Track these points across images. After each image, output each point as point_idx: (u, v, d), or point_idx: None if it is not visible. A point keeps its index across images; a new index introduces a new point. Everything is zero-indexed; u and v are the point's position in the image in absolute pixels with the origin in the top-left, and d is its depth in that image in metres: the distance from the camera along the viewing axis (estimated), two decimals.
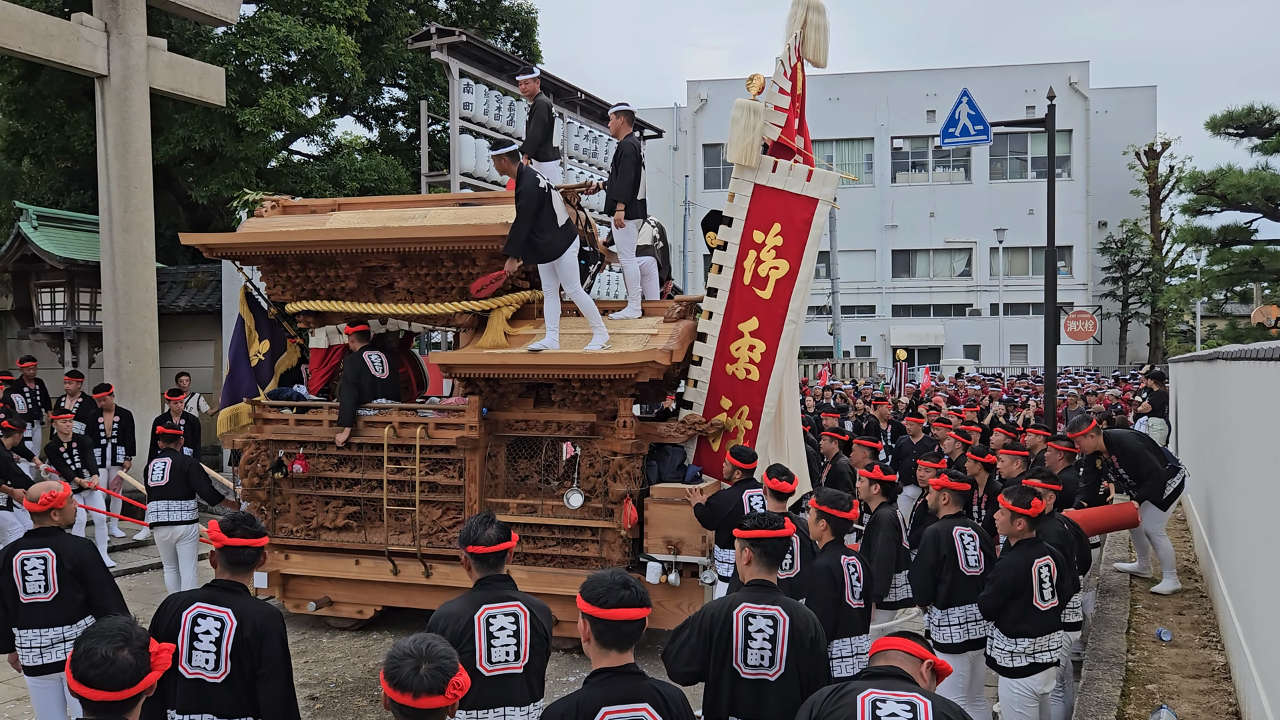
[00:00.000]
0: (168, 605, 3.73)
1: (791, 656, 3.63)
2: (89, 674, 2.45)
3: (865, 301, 45.52)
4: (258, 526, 3.83)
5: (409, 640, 2.50)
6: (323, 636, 8.22)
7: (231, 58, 16.69)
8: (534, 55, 22.63)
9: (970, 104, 12.94)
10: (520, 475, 7.99)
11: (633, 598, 2.94)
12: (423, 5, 21.19)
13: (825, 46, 7.90)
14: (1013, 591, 5.01)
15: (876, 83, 44.94)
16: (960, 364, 36.65)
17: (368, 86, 20.48)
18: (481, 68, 14.80)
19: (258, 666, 3.64)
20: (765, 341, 7.46)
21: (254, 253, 8.61)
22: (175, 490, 8.33)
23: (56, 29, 12.19)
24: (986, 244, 42.97)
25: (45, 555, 4.89)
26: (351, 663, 7.62)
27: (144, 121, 12.97)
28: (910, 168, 45.99)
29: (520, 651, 3.59)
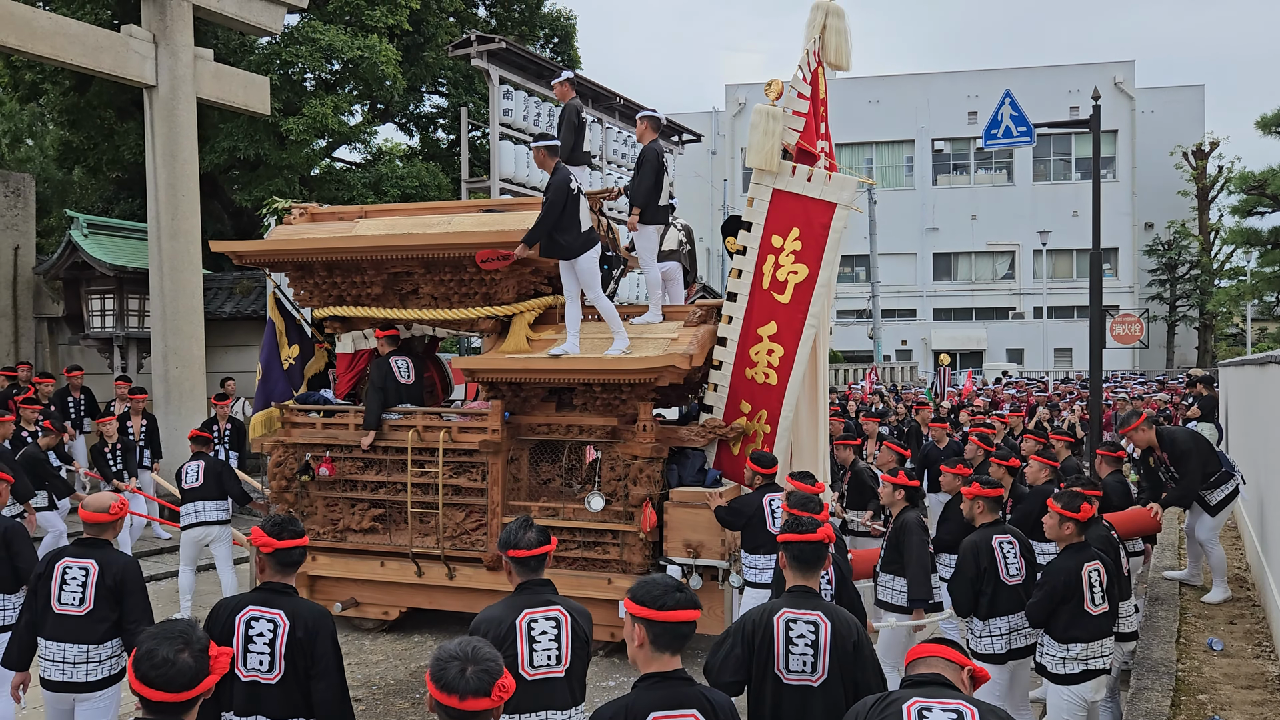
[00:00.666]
0: (220, 609, 3.78)
1: (834, 662, 3.57)
2: (150, 675, 2.48)
3: (906, 305, 45.13)
4: (299, 526, 3.89)
5: (454, 643, 2.51)
6: (365, 639, 8.30)
7: (276, 67, 16.95)
8: (573, 61, 22.74)
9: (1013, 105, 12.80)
10: (543, 479, 8.04)
11: (686, 600, 2.96)
12: (463, 13, 21.37)
13: (846, 50, 7.91)
14: (1063, 597, 4.95)
15: (917, 84, 44.58)
16: (1003, 368, 36.22)
17: (409, 94, 20.71)
18: (521, 74, 14.89)
19: (311, 666, 3.68)
20: (784, 346, 7.45)
21: (282, 259, 8.74)
22: (209, 491, 8.51)
23: (106, 41, 12.45)
24: (1029, 246, 42.38)
25: (88, 566, 4.69)
26: (394, 665, 7.68)
27: (191, 131, 13.20)
28: (951, 170, 45.54)
29: (562, 655, 3.59)
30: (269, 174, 17.85)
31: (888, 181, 44.34)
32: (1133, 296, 42.74)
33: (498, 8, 22.38)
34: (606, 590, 7.49)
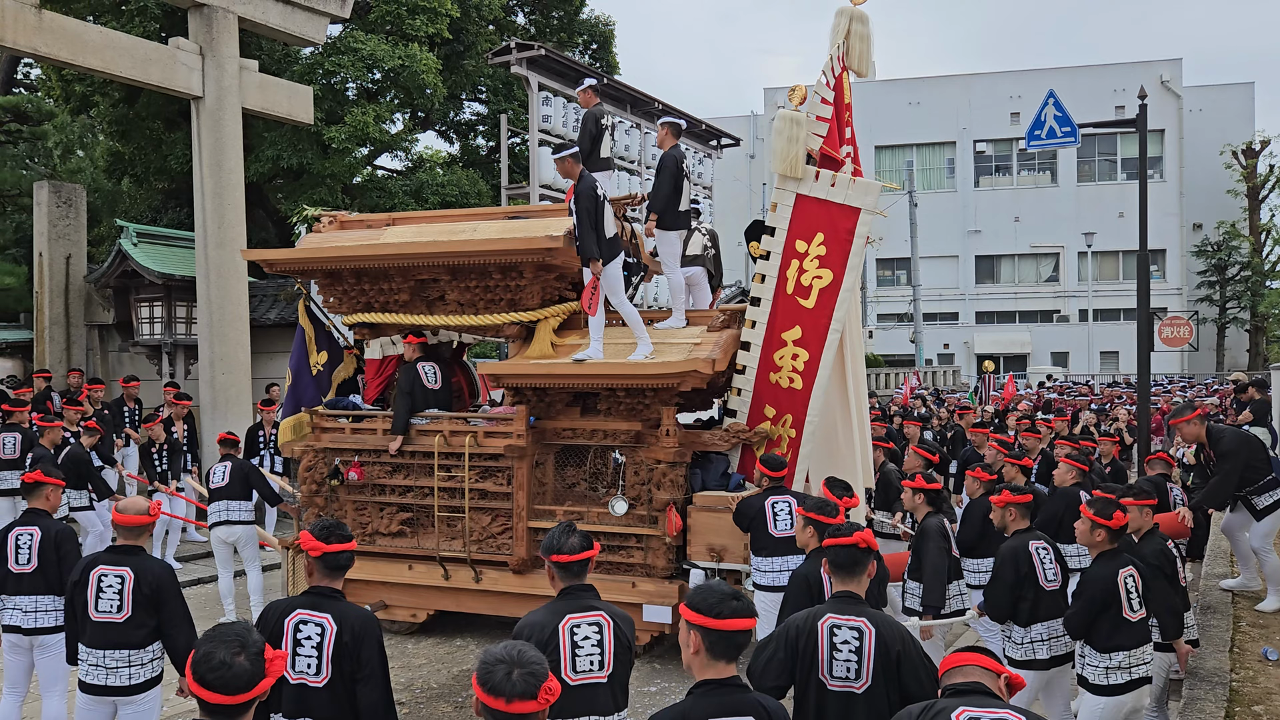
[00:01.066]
0: (269, 612, 3.83)
1: (878, 669, 3.57)
2: (207, 677, 2.52)
3: (948, 308, 44.68)
4: (347, 531, 3.93)
5: (500, 646, 2.53)
6: (408, 643, 8.36)
7: (318, 77, 17.17)
8: (611, 67, 22.80)
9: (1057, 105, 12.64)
10: (568, 483, 8.14)
11: (743, 608, 2.95)
12: (502, 21, 21.51)
13: (869, 56, 7.92)
14: (1102, 605, 4.88)
15: (958, 86, 44.16)
16: (1048, 371, 35.73)
17: (449, 102, 20.87)
18: (560, 80, 14.96)
19: (357, 670, 3.72)
20: (809, 350, 7.46)
21: (311, 267, 8.88)
22: (235, 491, 8.71)
23: (155, 53, 12.69)
24: (1074, 248, 41.81)
25: (123, 574, 4.72)
26: (436, 669, 7.73)
27: (236, 141, 13.41)
28: (994, 171, 45.04)
29: (604, 661, 3.60)
30: (312, 183, 18.07)
31: (929, 184, 43.93)
32: (1181, 298, 41.98)
33: (537, 15, 22.50)
34: (631, 594, 7.56)
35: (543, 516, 7.98)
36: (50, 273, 14.93)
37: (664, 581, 7.61)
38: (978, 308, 44.84)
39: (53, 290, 14.91)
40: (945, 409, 17.68)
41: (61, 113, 19.63)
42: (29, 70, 23.94)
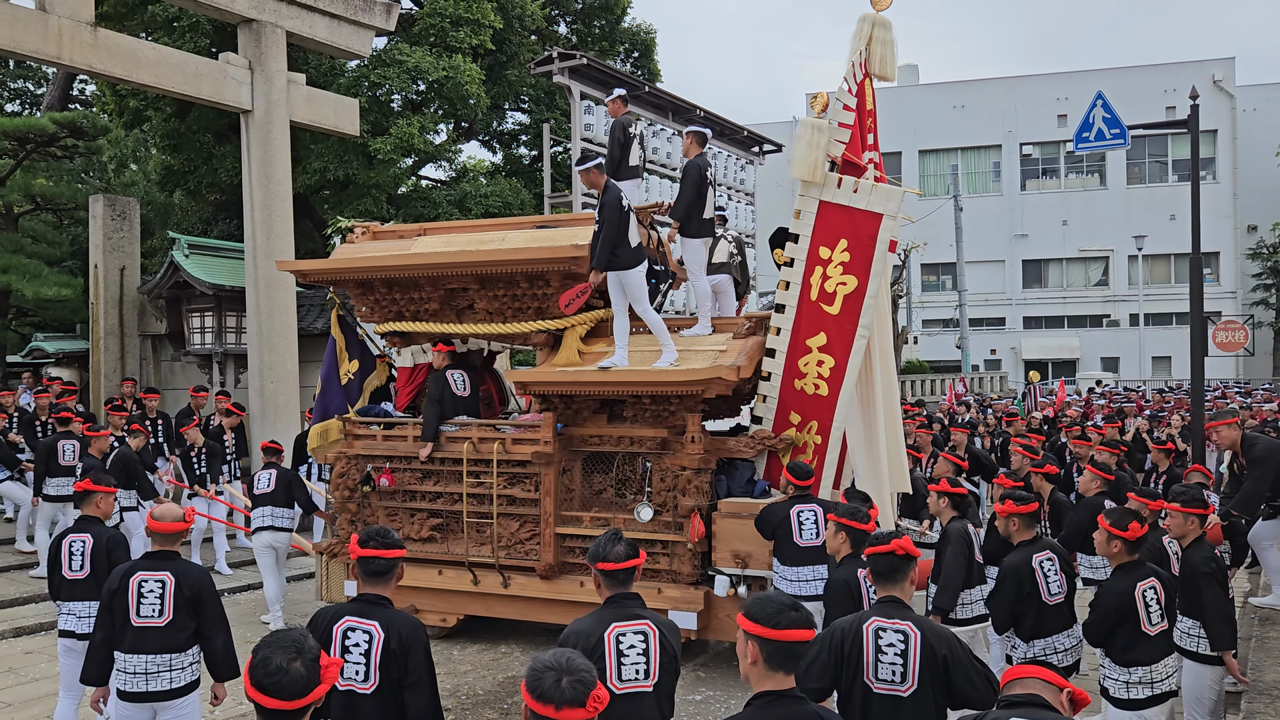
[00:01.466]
0: (319, 618, 3.85)
1: (924, 672, 3.59)
2: (264, 682, 2.55)
3: (994, 313, 44.13)
4: (393, 538, 3.92)
5: (549, 654, 2.53)
6: (454, 649, 8.41)
7: (364, 89, 17.40)
8: (653, 75, 22.86)
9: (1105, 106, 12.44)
10: (595, 489, 8.15)
11: (802, 619, 2.90)
12: (544, 31, 21.66)
13: (892, 61, 7.89)
14: (1118, 619, 4.82)
15: (1004, 88, 43.66)
16: (1098, 377, 35.13)
17: (492, 112, 21.05)
18: (602, 89, 15.03)
19: (405, 677, 3.73)
20: (834, 357, 7.45)
21: (343, 277, 9.05)
22: (279, 498, 8.87)
23: (205, 68, 12.95)
24: (1124, 252, 41.11)
25: (164, 579, 4.76)
26: (482, 675, 7.77)
27: (284, 153, 13.63)
28: (1041, 174, 44.45)
29: (650, 670, 3.58)
30: (358, 193, 18.31)
31: (974, 188, 43.45)
32: (1235, 302, 41.10)
33: (578, 24, 22.63)
34: (656, 600, 7.52)
35: (569, 523, 8.04)
36: (105, 284, 15.26)
37: (689, 588, 7.62)
38: (1025, 313, 44.24)
39: (107, 301, 15.24)
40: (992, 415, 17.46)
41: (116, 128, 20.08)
42: (84, 86, 24.53)
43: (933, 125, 43.28)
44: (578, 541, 7.98)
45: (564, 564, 8.11)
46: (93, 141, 17.70)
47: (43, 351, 17.67)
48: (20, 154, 16.80)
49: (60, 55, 11.30)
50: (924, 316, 42.64)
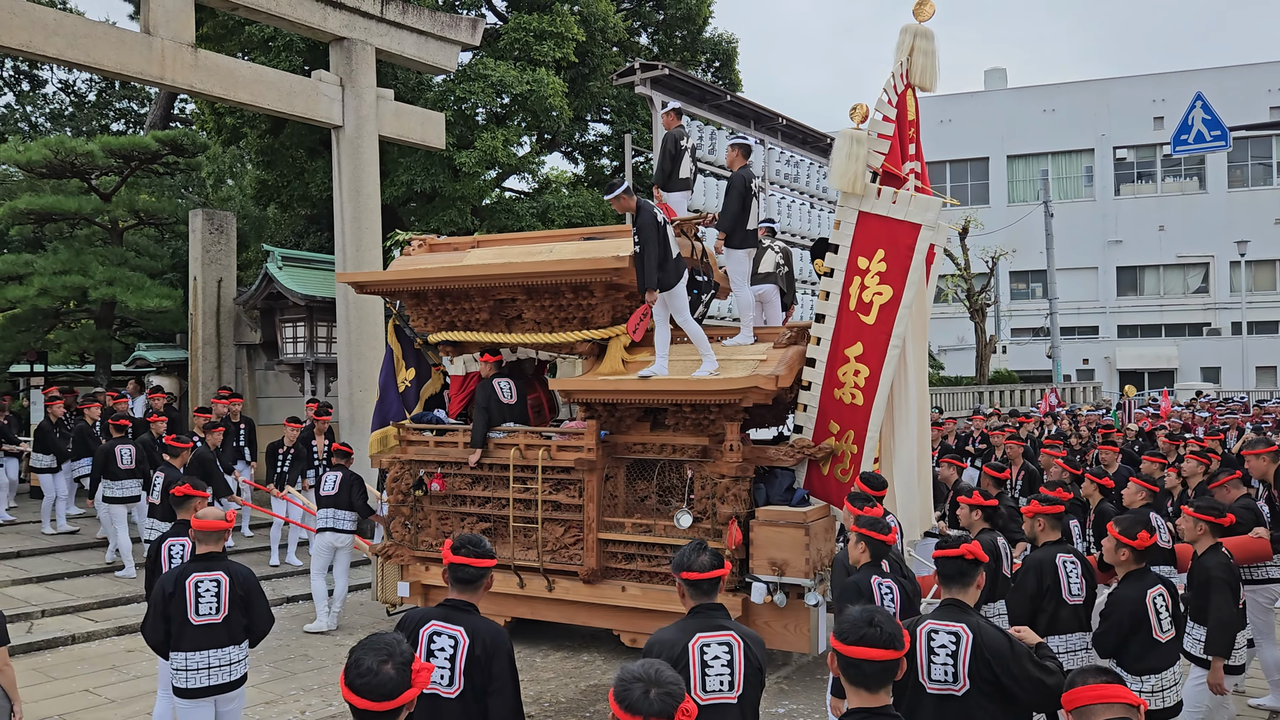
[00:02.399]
0: (406, 621, 3.91)
1: (975, 673, 3.67)
2: (356, 683, 2.62)
3: (1087, 322, 42.85)
4: (484, 547, 3.94)
5: (636, 665, 2.53)
6: (536, 656, 8.48)
7: (450, 103, 17.73)
8: (734, 84, 22.82)
9: (1205, 108, 12.01)
10: (639, 495, 8.28)
11: (876, 636, 2.84)
12: (626, 42, 21.79)
13: (934, 72, 7.95)
14: (1130, 627, 4.84)
15: (1096, 91, 42.44)
16: (1198, 387, 33.82)
17: (574, 123, 21.25)
18: (683, 99, 15.02)
19: (489, 683, 3.76)
20: (869, 366, 7.51)
21: (398, 289, 9.34)
22: (342, 500, 9.30)
23: (299, 86, 13.34)
24: (1226, 257, 39.60)
25: (219, 578, 5.12)
26: (564, 683, 7.80)
27: (373, 167, 13.95)
28: (1135, 179, 43.07)
29: (734, 681, 3.55)
30: (443, 205, 18.64)
31: (1065, 193, 42.30)
32: None
33: (660, 35, 22.72)
34: None
35: (611, 528, 8.20)
36: (203, 295, 15.80)
37: (728, 594, 7.62)
38: (1119, 321, 42.87)
39: (205, 312, 15.77)
40: (1085, 427, 16.93)
41: (214, 144, 20.81)
42: (184, 106, 25.50)
43: (1021, 129, 42.30)
44: (619, 547, 8.19)
45: (606, 569, 8.27)
46: (192, 158, 18.35)
47: (145, 360, 18.36)
48: (125, 171, 17.51)
49: (163, 76, 11.76)
50: (1013, 325, 41.62)
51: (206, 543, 5.22)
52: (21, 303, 15.65)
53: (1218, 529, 5.56)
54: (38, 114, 31.87)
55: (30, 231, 20.18)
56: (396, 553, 9.15)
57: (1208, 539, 5.52)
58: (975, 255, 28.68)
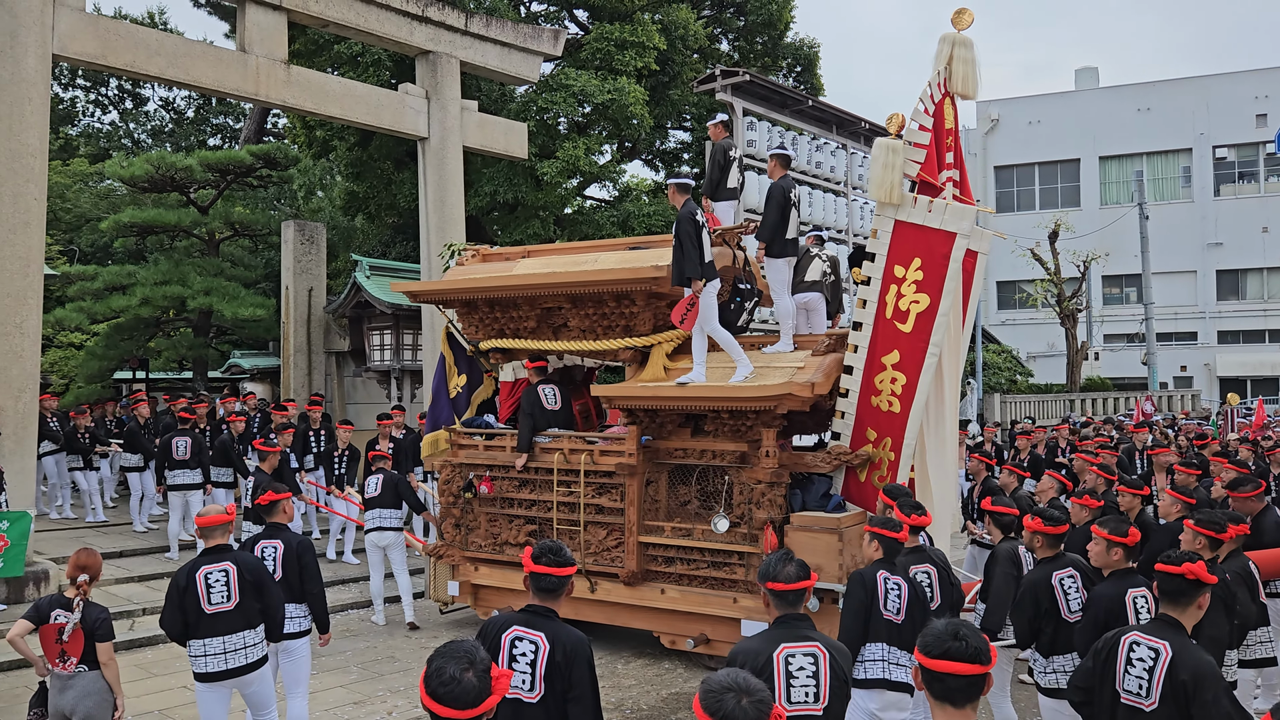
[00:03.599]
0: (489, 627, 3.95)
1: (1167, 693, 3.74)
2: (439, 691, 2.62)
3: (1185, 328, 41.32)
4: (564, 555, 3.96)
5: (722, 674, 2.50)
6: (618, 664, 8.49)
7: (532, 113, 17.94)
8: (816, 89, 22.63)
9: None
10: (681, 500, 8.40)
11: (961, 650, 2.75)
12: (707, 49, 21.78)
13: (973, 80, 7.97)
14: (1106, 624, 4.75)
15: (1194, 88, 40.95)
16: None
17: (655, 131, 21.30)
18: (764, 105, 14.97)
19: (569, 689, 3.77)
20: (906, 374, 7.53)
21: (450, 298, 9.66)
22: (386, 500, 9.68)
23: (386, 99, 13.65)
24: None
25: (227, 568, 5.41)
26: (645, 690, 7.80)
27: (458, 178, 14.20)
28: (1237, 179, 41.41)
29: (820, 693, 3.50)
30: (526, 215, 18.86)
31: (1161, 194, 40.89)
32: None
33: (741, 41, 22.65)
34: (732, 609, 7.93)
35: (651, 531, 8.36)
36: (295, 304, 16.26)
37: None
38: (1220, 326, 41.24)
39: (296, 320, 16.23)
40: (1183, 436, 16.32)
41: (305, 157, 21.41)
42: (277, 120, 26.30)
43: (1115, 130, 41.03)
44: (659, 550, 8.35)
45: (646, 571, 8.40)
46: (284, 171, 18.92)
47: (239, 368, 18.98)
48: (221, 184, 18.13)
49: (257, 92, 12.15)
50: (1106, 331, 40.38)
51: (212, 537, 5.50)
52: (125, 312, 16.31)
53: (1216, 543, 5.49)
54: (140, 131, 33.21)
55: (133, 244, 21.02)
56: (447, 553, 9.47)
57: (1206, 551, 5.45)
58: (1066, 259, 27.92)
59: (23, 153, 10.08)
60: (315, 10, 12.59)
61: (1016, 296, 38.58)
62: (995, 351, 26.47)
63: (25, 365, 10.10)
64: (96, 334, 18.60)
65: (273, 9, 12.20)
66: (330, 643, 6.54)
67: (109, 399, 16.20)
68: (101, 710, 5.17)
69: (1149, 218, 32.18)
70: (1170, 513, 6.87)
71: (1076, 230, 32.12)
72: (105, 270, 16.94)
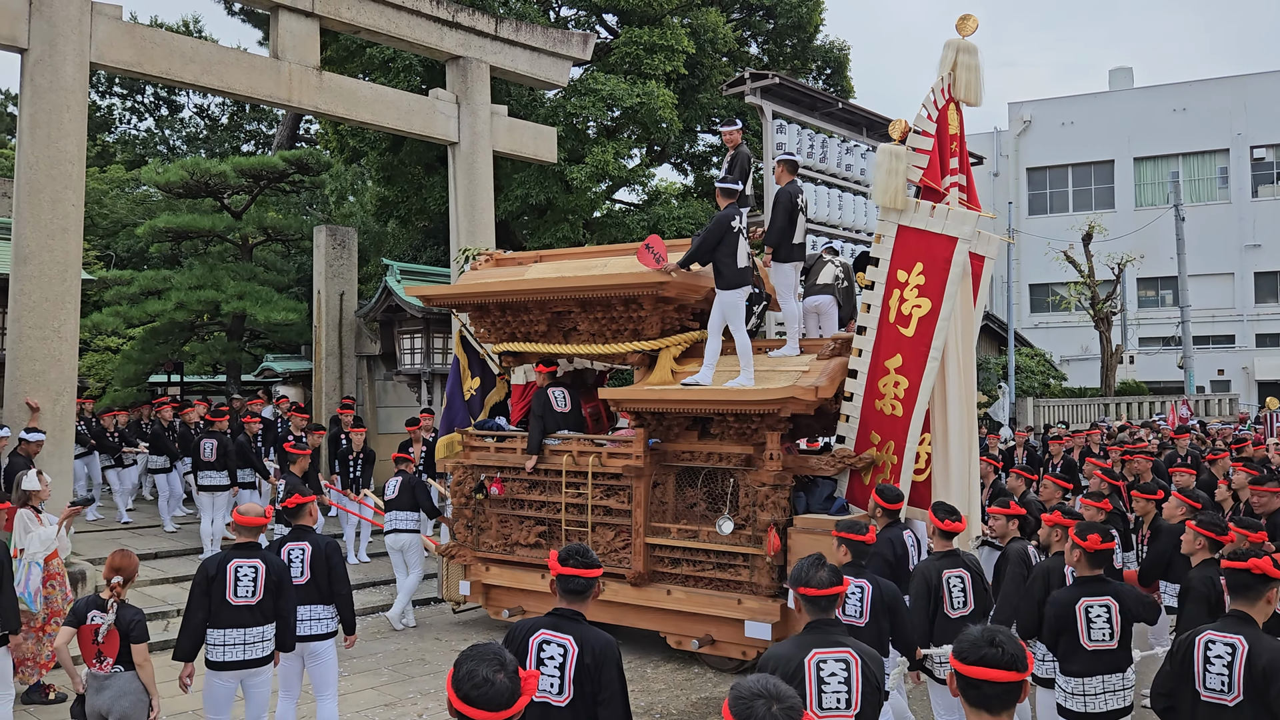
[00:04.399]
0: (516, 630, 3.95)
1: (1248, 685, 3.81)
2: (471, 694, 2.61)
3: (1223, 331, 40.71)
4: (591, 558, 3.94)
5: (752, 680, 2.48)
6: (647, 667, 8.47)
7: (561, 118, 17.98)
8: (846, 91, 22.53)
9: None
10: (688, 502, 8.44)
11: (997, 657, 2.70)
12: (736, 52, 21.74)
13: (977, 86, 8.10)
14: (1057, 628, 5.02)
15: (1231, 88, 40.36)
16: None
17: (684, 135, 21.29)
18: (794, 108, 14.92)
19: (598, 692, 3.77)
20: (908, 378, 7.62)
21: (463, 302, 9.72)
22: (403, 503, 9.82)
23: (416, 104, 13.73)
24: None
25: (256, 565, 5.62)
26: (675, 694, 7.78)
27: (488, 182, 14.25)
28: (1275, 179, 40.77)
29: (851, 699, 3.48)
30: (556, 218, 18.91)
31: (1197, 195, 40.32)
32: None
33: (770, 44, 22.60)
34: (736, 610, 8.00)
35: (658, 533, 8.43)
36: (326, 308, 16.39)
37: (768, 599, 7.86)
38: (1258, 329, 40.58)
39: (328, 324, 16.35)
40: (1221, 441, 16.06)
41: (336, 163, 21.59)
42: (309, 126, 26.55)
43: (1150, 130, 40.53)
44: (665, 551, 8.41)
45: (653, 572, 8.46)
46: (316, 176, 19.08)
47: (272, 371, 19.15)
48: (255, 190, 18.31)
49: (290, 98, 12.27)
50: (1141, 334, 39.87)
51: (246, 534, 5.72)
52: (160, 316, 16.51)
53: (1216, 544, 5.48)
54: (175, 137, 33.65)
55: (168, 249, 21.28)
56: (459, 553, 9.59)
57: (1204, 552, 5.49)
58: (1100, 262, 27.60)
59: (61, 159, 10.23)
60: (347, 17, 12.69)
61: (1049, 299, 38.19)
62: (1028, 355, 26.20)
63: (63, 369, 10.25)
64: (132, 338, 18.85)
65: (305, 16, 12.31)
66: (360, 644, 6.59)
67: (144, 402, 16.42)
68: (137, 710, 5.23)
69: (1185, 219, 31.74)
70: (1175, 515, 6.94)
71: (1111, 232, 31.73)
72: (141, 275, 17.15)
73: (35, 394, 9.99)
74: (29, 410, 9.91)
